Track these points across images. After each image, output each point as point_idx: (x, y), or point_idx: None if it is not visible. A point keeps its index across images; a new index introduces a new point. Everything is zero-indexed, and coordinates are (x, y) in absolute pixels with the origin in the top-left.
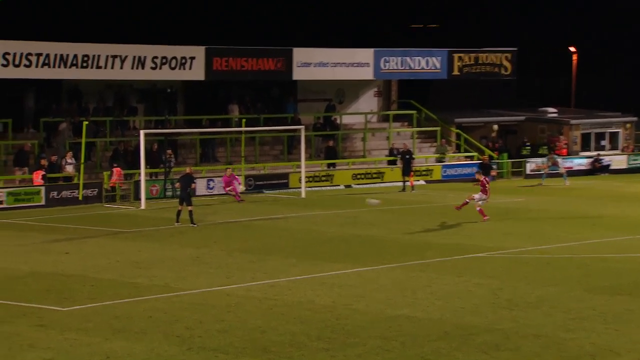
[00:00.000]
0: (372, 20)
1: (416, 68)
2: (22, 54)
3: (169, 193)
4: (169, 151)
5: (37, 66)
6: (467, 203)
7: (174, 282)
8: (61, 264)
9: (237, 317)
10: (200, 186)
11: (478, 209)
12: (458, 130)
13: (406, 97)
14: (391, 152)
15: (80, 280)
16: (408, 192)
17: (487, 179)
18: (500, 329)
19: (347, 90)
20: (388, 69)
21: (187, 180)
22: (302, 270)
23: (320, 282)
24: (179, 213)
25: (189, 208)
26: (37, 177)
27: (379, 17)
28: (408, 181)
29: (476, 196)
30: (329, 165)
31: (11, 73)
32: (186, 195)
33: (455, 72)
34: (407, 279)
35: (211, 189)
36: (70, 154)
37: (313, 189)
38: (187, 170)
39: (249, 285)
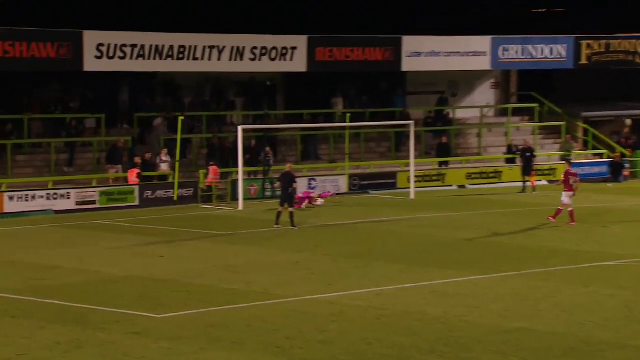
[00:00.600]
0: (489, 5)
1: (538, 57)
2: (116, 45)
3: (267, 193)
4: (268, 148)
5: (131, 58)
6: (560, 211)
7: (273, 288)
8: (155, 268)
9: (341, 327)
10: (300, 186)
11: (570, 209)
12: (585, 126)
13: (527, 89)
14: (510, 150)
15: (175, 286)
16: (528, 193)
17: (571, 171)
18: (634, 346)
19: (461, 82)
20: (507, 58)
21: (288, 179)
22: (411, 278)
23: (431, 290)
24: (279, 215)
25: (290, 209)
26: (132, 175)
27: (496, 1)
28: (529, 181)
29: (565, 200)
30: (441, 163)
31: (105, 65)
32: (287, 195)
33: (583, 61)
34: (527, 288)
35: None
36: (165, 151)
37: (423, 189)
38: (288, 168)
39: (354, 293)
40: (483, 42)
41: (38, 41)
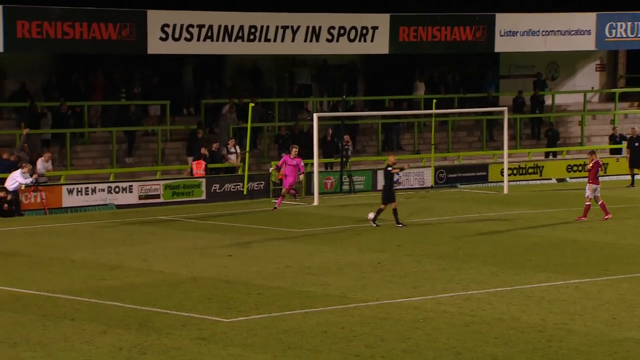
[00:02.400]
0: None
1: None
2: (182, 26)
3: (345, 187)
4: (347, 137)
5: (198, 40)
6: (589, 207)
7: (352, 291)
8: (224, 268)
9: (426, 334)
10: (381, 179)
11: (599, 202)
12: None
13: (636, 71)
14: (614, 139)
15: (244, 288)
16: (638, 188)
17: (597, 160)
18: None
19: (561, 64)
20: (614, 38)
21: (389, 175)
22: (503, 281)
23: (527, 295)
24: (379, 212)
25: (393, 205)
26: (199, 168)
27: None
28: (638, 174)
29: (588, 193)
30: (547, 154)
31: (170, 48)
32: (390, 191)
33: None
34: (637, 294)
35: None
36: (233, 141)
37: (518, 183)
38: (390, 160)
39: (440, 297)
40: (587, 20)
41: (99, 22)
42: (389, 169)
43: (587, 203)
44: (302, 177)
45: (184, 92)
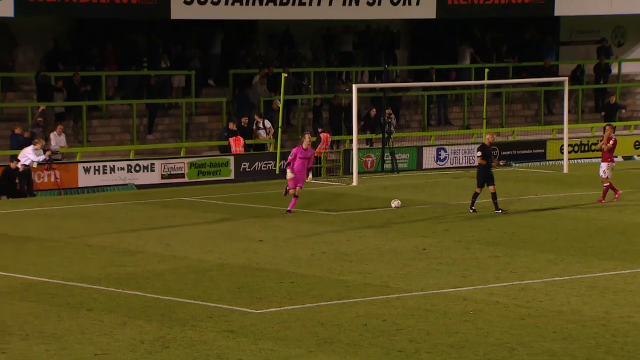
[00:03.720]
0: None
1: None
2: None
3: (387, 165)
4: (389, 111)
5: (226, 4)
6: (607, 188)
7: (394, 280)
8: (254, 254)
9: (476, 328)
10: (427, 157)
11: (606, 185)
12: None
13: None
14: None
15: (276, 276)
16: None
17: (612, 136)
18: None
19: (629, 29)
20: None
21: (489, 153)
22: (563, 270)
23: (589, 285)
24: (475, 196)
25: (491, 189)
26: (238, 145)
27: None
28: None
29: (604, 172)
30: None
31: (195, 13)
32: (489, 173)
33: None
34: None
35: (442, 160)
36: (263, 116)
37: (579, 161)
38: (489, 138)
39: (492, 287)
40: None
41: None
42: (489, 147)
43: (606, 184)
44: (309, 176)
45: (210, 63)
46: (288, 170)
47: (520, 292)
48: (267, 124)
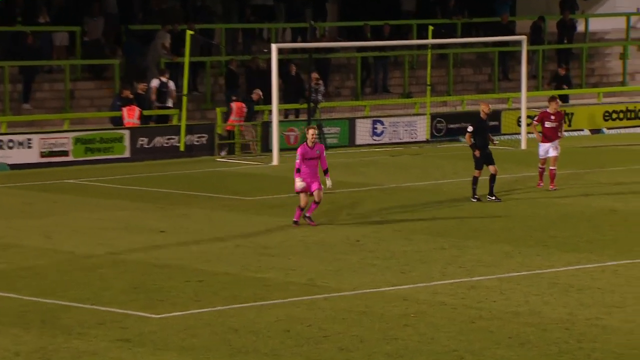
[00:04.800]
0: None
1: None
2: None
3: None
4: (315, 76)
5: None
6: (543, 171)
7: (322, 278)
8: (154, 248)
9: (419, 334)
10: (361, 131)
11: (541, 166)
12: None
13: None
14: None
15: (181, 274)
16: None
17: (546, 111)
18: None
19: None
20: None
21: (485, 128)
22: (520, 264)
23: (550, 282)
24: (475, 181)
25: (492, 169)
26: (132, 116)
27: None
28: None
29: (547, 152)
30: (562, 97)
31: None
32: (486, 152)
33: None
34: None
35: (379, 135)
36: (166, 76)
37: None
38: (484, 110)
39: (437, 285)
40: None
41: None
42: (486, 121)
43: (552, 167)
44: (329, 182)
45: (103, 17)
46: (297, 180)
47: (470, 290)
48: (172, 85)
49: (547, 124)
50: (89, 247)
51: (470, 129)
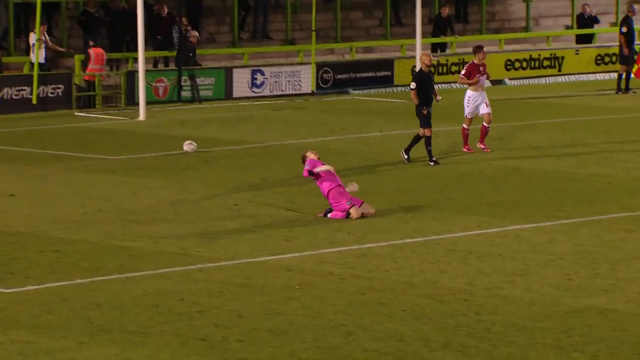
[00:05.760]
0: None
1: None
2: None
3: (185, 93)
4: (185, 20)
5: None
6: (467, 132)
7: (195, 247)
8: (3, 214)
9: (303, 307)
10: (239, 82)
11: (466, 127)
12: None
13: None
14: (582, 20)
15: (35, 243)
16: (632, 94)
17: (473, 63)
18: None
19: None
20: None
21: (427, 81)
22: (415, 229)
23: (447, 248)
24: (415, 140)
25: (427, 132)
26: None
27: None
28: (632, 72)
29: (478, 109)
30: (441, 45)
31: None
32: (428, 109)
33: None
34: (602, 244)
35: (259, 87)
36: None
37: (437, 86)
38: (424, 60)
39: (324, 253)
40: None
41: None
42: (428, 73)
43: (487, 125)
44: (354, 185)
45: None
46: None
47: (360, 259)
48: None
49: (476, 77)
50: None
51: (413, 85)
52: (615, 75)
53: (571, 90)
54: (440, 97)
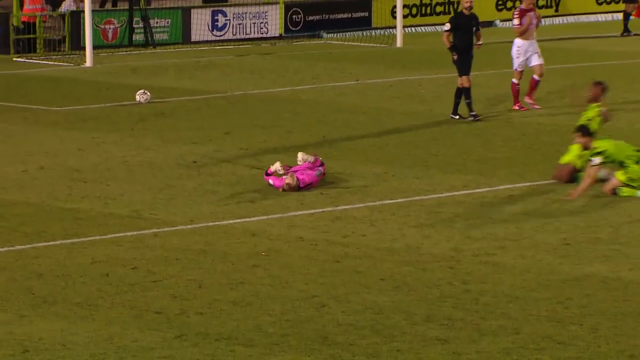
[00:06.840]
0: None
1: None
2: None
3: (138, 37)
4: None
5: None
6: (517, 88)
7: (150, 209)
8: None
9: (271, 276)
10: (198, 24)
11: (516, 82)
12: None
13: None
14: None
15: None
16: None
17: (522, 8)
18: None
19: None
20: None
21: (466, 25)
22: (395, 189)
23: (428, 210)
24: (460, 93)
25: (462, 81)
26: None
27: None
28: (631, 15)
29: (529, 60)
30: None
31: None
32: (468, 56)
33: None
34: (605, 205)
35: (220, 29)
36: None
37: (418, 29)
38: (464, 2)
39: (294, 216)
40: None
41: None
42: (469, 16)
43: (538, 78)
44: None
45: None
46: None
47: (334, 222)
48: None
49: (525, 23)
50: None
51: (447, 26)
52: (620, 16)
53: (570, 33)
54: (481, 43)
